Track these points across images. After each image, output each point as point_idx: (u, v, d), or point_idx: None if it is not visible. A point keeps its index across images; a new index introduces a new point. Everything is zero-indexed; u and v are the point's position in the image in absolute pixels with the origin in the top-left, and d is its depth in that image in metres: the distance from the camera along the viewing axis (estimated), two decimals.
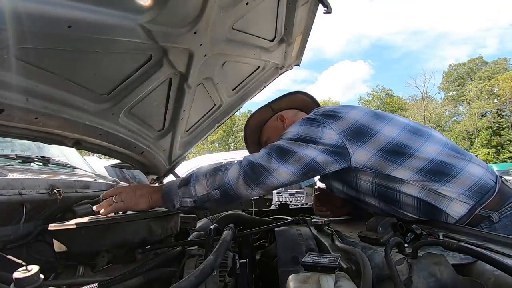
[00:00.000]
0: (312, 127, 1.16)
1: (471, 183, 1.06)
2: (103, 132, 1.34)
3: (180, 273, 0.88)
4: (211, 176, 1.08)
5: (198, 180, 1.09)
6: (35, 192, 1.27)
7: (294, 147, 1.11)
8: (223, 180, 1.06)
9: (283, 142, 1.15)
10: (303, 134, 1.15)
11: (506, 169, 14.95)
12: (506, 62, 32.89)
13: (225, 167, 1.10)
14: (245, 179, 1.05)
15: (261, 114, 1.59)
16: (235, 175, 1.06)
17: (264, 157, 1.10)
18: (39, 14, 0.79)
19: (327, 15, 1.52)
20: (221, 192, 1.06)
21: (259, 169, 1.07)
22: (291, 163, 1.08)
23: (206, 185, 1.07)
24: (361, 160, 1.13)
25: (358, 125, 1.15)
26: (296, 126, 1.20)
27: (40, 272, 0.72)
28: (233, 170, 1.08)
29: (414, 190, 1.09)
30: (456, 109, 35.65)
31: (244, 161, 1.10)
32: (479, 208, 1.03)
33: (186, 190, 1.08)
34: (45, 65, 0.96)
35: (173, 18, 1.11)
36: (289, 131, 1.19)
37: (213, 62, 1.49)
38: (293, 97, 1.58)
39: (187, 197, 1.07)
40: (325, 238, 0.95)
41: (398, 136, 1.14)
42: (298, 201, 2.11)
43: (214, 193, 1.06)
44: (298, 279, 0.61)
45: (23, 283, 0.68)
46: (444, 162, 1.09)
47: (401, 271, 0.65)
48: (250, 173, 1.06)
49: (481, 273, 0.65)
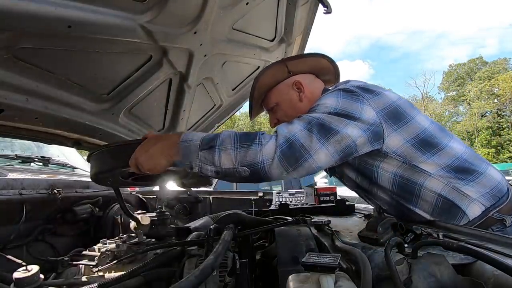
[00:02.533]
0: (352, 101, 1.02)
1: (492, 185, 1.05)
2: (103, 132, 1.34)
3: (180, 273, 0.88)
4: (241, 148, 0.90)
5: (226, 149, 0.90)
6: (35, 192, 1.28)
7: (336, 124, 0.96)
8: (256, 158, 0.89)
9: (322, 116, 0.98)
10: (342, 108, 1.01)
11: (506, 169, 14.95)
12: (506, 62, 32.88)
13: (260, 140, 0.91)
14: (281, 160, 0.88)
15: (274, 74, 1.28)
16: (270, 154, 0.89)
17: (304, 134, 0.92)
18: (39, 14, 0.79)
19: (327, 15, 1.52)
20: (250, 171, 0.90)
21: (300, 149, 0.90)
22: (332, 143, 0.94)
23: (233, 159, 0.90)
24: (393, 145, 1.05)
25: (395, 106, 1.07)
26: (332, 97, 1.05)
27: (40, 272, 0.72)
28: (269, 147, 0.89)
29: (438, 186, 1.04)
30: (456, 109, 35.64)
31: (280, 137, 0.91)
32: (493, 211, 1.02)
33: (208, 156, 0.90)
34: (45, 65, 0.96)
35: (173, 18, 1.11)
36: (326, 103, 1.04)
37: (213, 62, 1.49)
38: (316, 60, 1.29)
39: (210, 165, 0.91)
40: (325, 238, 0.95)
41: (430, 127, 1.09)
42: (298, 201, 2.11)
43: (242, 170, 0.90)
44: (298, 279, 0.61)
45: (23, 283, 0.68)
46: (469, 162, 1.07)
47: (401, 271, 0.65)
48: (288, 154, 0.89)
49: (481, 273, 0.65)
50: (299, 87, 1.26)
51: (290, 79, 1.28)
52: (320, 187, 1.85)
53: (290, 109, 1.27)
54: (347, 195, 2.06)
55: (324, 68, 1.31)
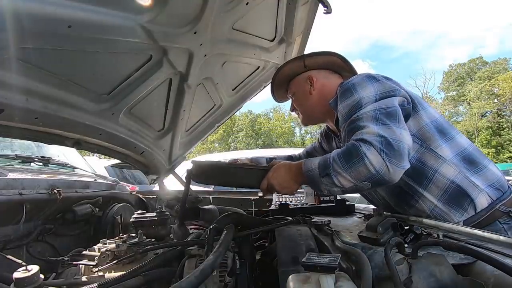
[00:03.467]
0: (382, 82, 1.13)
1: (494, 179, 1.11)
2: (103, 132, 1.34)
3: (180, 273, 0.88)
4: (350, 169, 0.98)
5: (339, 173, 1.00)
6: (35, 192, 1.28)
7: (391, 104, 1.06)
8: (369, 171, 0.95)
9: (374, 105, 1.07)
10: (381, 90, 1.11)
11: (506, 169, 14.95)
12: (506, 62, 32.86)
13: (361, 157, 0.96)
14: (391, 161, 0.94)
15: (292, 67, 1.46)
16: (379, 162, 0.94)
17: (384, 129, 0.99)
18: (39, 14, 0.79)
19: (327, 15, 1.52)
20: (371, 183, 0.98)
21: (394, 145, 0.96)
22: (402, 122, 1.03)
23: (351, 178, 0.99)
24: (414, 126, 1.12)
25: (411, 94, 1.16)
26: (365, 86, 1.13)
27: (40, 272, 0.72)
28: (373, 158, 0.95)
29: (451, 173, 1.10)
30: (456, 109, 35.61)
31: (375, 143, 0.96)
32: (499, 204, 1.07)
33: (330, 181, 1.02)
34: (45, 65, 0.96)
35: (173, 18, 1.11)
36: (365, 95, 1.11)
37: (213, 62, 1.49)
38: (329, 58, 1.43)
39: (335, 187, 1.03)
40: (325, 238, 0.95)
41: (440, 118, 1.18)
42: (298, 201, 2.11)
43: (363, 185, 0.99)
44: (298, 279, 0.61)
45: (23, 283, 0.68)
46: (474, 155, 1.14)
47: (401, 271, 0.65)
48: (392, 153, 0.95)
49: (481, 273, 0.65)
50: (311, 81, 1.40)
51: (306, 73, 1.43)
52: None
53: (302, 99, 1.44)
54: (347, 195, 2.06)
55: (337, 65, 1.43)
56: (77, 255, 1.18)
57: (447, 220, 1.11)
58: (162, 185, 2.09)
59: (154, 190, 2.37)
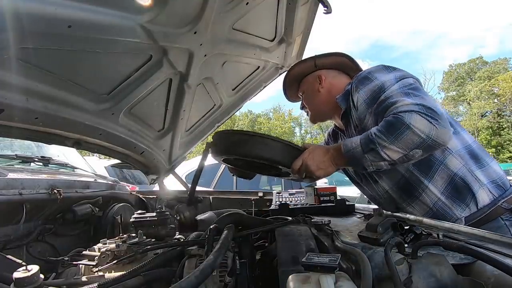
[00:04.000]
0: (398, 69, 1.21)
1: (496, 176, 1.15)
2: (103, 132, 1.34)
3: (180, 273, 0.88)
4: (397, 139, 0.99)
5: (384, 146, 1.01)
6: (35, 192, 1.28)
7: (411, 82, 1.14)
8: (420, 137, 0.97)
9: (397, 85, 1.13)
10: (400, 75, 1.17)
11: (506, 169, 14.95)
12: (506, 62, 32.87)
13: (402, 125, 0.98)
14: (439, 124, 0.97)
15: (304, 67, 1.55)
16: (428, 126, 0.97)
17: (419, 99, 1.03)
18: (39, 14, 0.79)
19: (327, 15, 1.52)
20: (422, 149, 1.00)
21: (434, 109, 1.00)
22: (427, 94, 1.11)
23: (399, 149, 1.00)
24: None
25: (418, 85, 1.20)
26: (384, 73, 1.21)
27: (40, 272, 0.72)
28: (420, 123, 0.97)
29: (456, 165, 1.12)
30: (456, 109, 35.61)
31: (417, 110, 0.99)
32: (501, 201, 1.10)
33: (376, 156, 1.04)
34: (45, 65, 0.96)
35: (173, 18, 1.11)
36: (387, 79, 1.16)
37: (213, 62, 1.49)
38: (338, 58, 1.51)
39: (381, 161, 1.04)
40: (325, 238, 0.95)
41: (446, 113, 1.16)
42: (298, 201, 2.10)
43: (414, 153, 1.00)
44: (298, 279, 0.61)
45: (23, 283, 0.68)
46: (478, 151, 1.18)
47: (401, 271, 0.65)
48: (437, 116, 0.98)
49: (481, 273, 0.65)
50: (320, 79, 1.48)
51: (316, 72, 1.51)
52: (320, 187, 1.84)
53: (311, 97, 1.51)
54: (347, 195, 2.06)
55: (346, 65, 1.50)
56: (77, 255, 1.18)
57: (450, 215, 1.14)
58: (162, 185, 2.09)
59: (154, 190, 2.37)
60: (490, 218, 1.10)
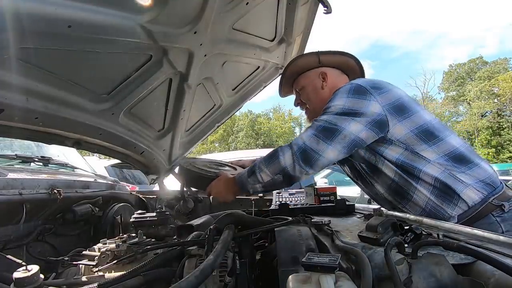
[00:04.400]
0: (358, 99, 1.22)
1: (485, 175, 1.18)
2: (103, 132, 1.34)
3: (180, 273, 0.88)
4: (269, 164, 1.22)
5: (261, 169, 1.23)
6: (35, 192, 1.28)
7: (339, 124, 1.19)
8: (281, 166, 1.19)
9: (328, 117, 1.22)
10: (349, 107, 1.21)
11: (506, 169, 14.95)
12: (506, 62, 32.82)
13: (278, 154, 1.21)
14: (299, 163, 1.17)
15: (307, 61, 1.50)
16: (290, 161, 1.18)
17: (311, 139, 1.19)
18: (39, 14, 0.79)
19: (327, 15, 1.52)
20: (282, 175, 1.21)
21: (310, 153, 1.17)
22: (338, 141, 1.18)
23: (269, 172, 1.22)
24: (397, 134, 1.21)
25: (401, 102, 1.24)
26: (343, 97, 1.25)
27: (40, 272, 0.72)
28: (287, 156, 1.19)
29: (436, 171, 1.17)
30: (456, 109, 35.56)
31: (294, 147, 1.20)
32: (491, 198, 1.14)
33: (254, 179, 1.24)
34: (45, 65, 0.96)
35: (173, 18, 1.11)
36: (335, 104, 1.24)
37: (213, 62, 1.49)
38: (345, 58, 1.49)
39: (257, 183, 1.24)
40: (325, 238, 0.95)
41: (432, 121, 1.25)
42: (298, 201, 2.10)
43: (277, 177, 1.22)
44: (298, 279, 0.61)
45: (23, 283, 0.68)
46: (465, 154, 1.21)
47: (401, 271, 0.65)
48: (302, 157, 1.17)
49: (481, 273, 0.65)
50: (324, 77, 1.47)
51: (319, 69, 1.49)
52: (320, 187, 1.84)
53: (312, 94, 1.49)
54: (347, 195, 2.06)
55: (350, 67, 1.50)
56: (77, 255, 1.18)
57: (442, 214, 1.18)
58: (162, 185, 2.09)
59: (154, 190, 2.37)
60: (482, 215, 1.14)
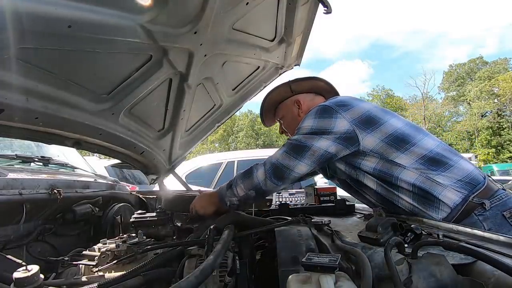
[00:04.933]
0: (325, 119, 1.29)
1: (463, 174, 1.18)
2: (103, 132, 1.34)
3: (180, 273, 0.88)
4: (244, 179, 1.31)
5: (237, 184, 1.31)
6: (35, 192, 1.28)
7: (308, 142, 1.26)
8: (254, 182, 1.29)
9: (299, 137, 1.30)
10: (317, 127, 1.28)
11: (506, 169, 14.95)
12: (506, 62, 32.83)
13: (253, 171, 1.31)
14: (270, 178, 1.27)
15: (280, 92, 1.62)
16: (262, 177, 1.27)
17: (283, 156, 1.28)
18: (39, 14, 0.79)
19: (327, 15, 1.52)
20: (255, 191, 1.29)
21: (281, 168, 1.26)
22: (307, 157, 1.25)
23: (243, 187, 1.30)
24: (368, 145, 1.26)
25: (368, 115, 1.29)
26: (311, 118, 1.32)
27: (40, 272, 0.72)
28: (260, 173, 1.29)
29: (412, 177, 1.20)
30: (456, 109, 35.57)
31: (267, 164, 1.29)
32: (471, 196, 1.14)
33: (231, 192, 1.32)
34: (45, 65, 0.96)
35: (173, 18, 1.11)
36: (304, 125, 1.32)
37: (213, 62, 1.49)
38: (313, 82, 1.60)
39: (233, 197, 1.31)
40: (325, 238, 0.95)
41: (402, 128, 1.28)
42: (298, 201, 2.11)
43: (250, 193, 1.29)
44: (298, 279, 0.61)
45: (23, 283, 0.68)
46: (441, 154, 1.23)
47: (401, 271, 0.65)
48: (274, 173, 1.27)
49: (481, 273, 0.65)
50: (299, 104, 1.57)
51: (293, 97, 1.59)
52: (320, 187, 1.85)
53: (291, 121, 1.57)
54: (347, 195, 2.06)
55: (321, 88, 1.60)
56: (77, 255, 1.18)
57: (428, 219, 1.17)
58: (162, 185, 2.09)
59: (154, 190, 2.37)
60: (464, 216, 1.14)
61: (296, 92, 1.59)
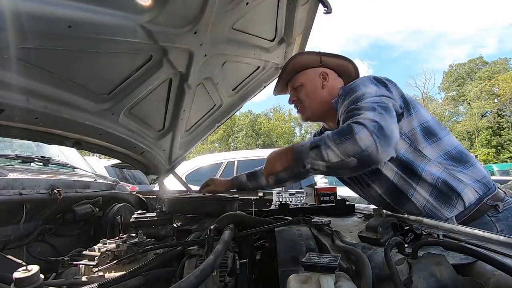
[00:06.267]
0: (383, 86, 1.24)
1: (481, 176, 1.21)
2: (103, 132, 1.34)
3: (180, 273, 0.88)
4: (339, 143, 1.04)
5: (328, 146, 1.06)
6: (35, 192, 1.28)
7: (386, 102, 1.14)
8: (357, 147, 1.01)
9: (373, 99, 1.15)
10: (381, 93, 1.19)
11: (506, 169, 14.94)
12: (506, 62, 32.82)
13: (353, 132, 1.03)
14: (381, 143, 1.01)
15: (309, 58, 1.49)
16: (370, 142, 1.01)
17: (380, 117, 1.06)
18: (39, 14, 0.79)
19: (327, 15, 1.52)
20: (357, 159, 1.03)
21: (386, 130, 1.03)
22: (394, 117, 1.11)
23: (339, 153, 1.04)
24: (405, 127, 1.22)
25: (406, 97, 1.27)
26: (369, 84, 1.23)
27: (40, 272, 0.72)
28: (364, 136, 1.01)
29: (437, 170, 1.19)
30: (456, 109, 35.56)
31: (369, 125, 1.03)
32: (486, 198, 1.17)
33: (318, 154, 1.08)
34: (45, 65, 0.96)
35: (173, 18, 1.11)
36: (367, 91, 1.19)
37: (213, 62, 1.49)
38: (343, 62, 1.50)
39: (320, 160, 1.08)
40: (325, 238, 0.95)
41: (431, 120, 1.27)
42: (298, 201, 2.11)
43: (349, 160, 1.04)
44: (298, 279, 0.61)
45: (23, 283, 0.68)
46: (463, 153, 1.25)
47: (401, 271, 0.65)
48: (382, 137, 1.02)
49: (481, 273, 0.65)
50: (325, 77, 1.47)
51: (320, 68, 1.49)
52: (320, 187, 1.85)
53: (311, 92, 1.47)
54: (347, 195, 2.06)
55: (348, 71, 1.52)
56: (77, 255, 1.18)
57: (438, 217, 1.19)
58: (162, 185, 2.09)
59: (154, 190, 2.37)
60: (477, 216, 1.16)
61: (324, 65, 1.49)
